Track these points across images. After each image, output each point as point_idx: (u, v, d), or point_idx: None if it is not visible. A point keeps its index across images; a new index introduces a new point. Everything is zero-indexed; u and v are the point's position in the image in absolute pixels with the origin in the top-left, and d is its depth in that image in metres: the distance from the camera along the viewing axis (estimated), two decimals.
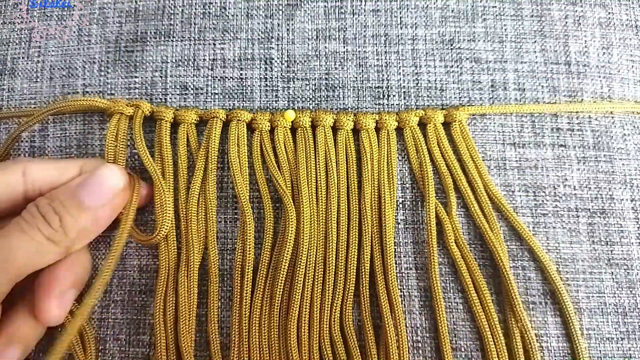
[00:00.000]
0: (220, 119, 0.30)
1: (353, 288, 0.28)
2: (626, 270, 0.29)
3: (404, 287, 0.29)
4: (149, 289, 0.29)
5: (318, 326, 0.27)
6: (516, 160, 0.31)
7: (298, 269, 0.28)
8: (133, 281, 0.29)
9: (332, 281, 0.28)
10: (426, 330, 0.28)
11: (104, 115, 0.31)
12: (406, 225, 0.30)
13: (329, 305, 0.28)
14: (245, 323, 0.27)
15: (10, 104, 0.32)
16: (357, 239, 0.29)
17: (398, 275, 0.29)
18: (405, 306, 0.29)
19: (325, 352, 0.27)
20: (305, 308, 0.28)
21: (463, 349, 0.28)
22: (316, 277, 0.28)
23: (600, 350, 0.28)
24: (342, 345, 0.27)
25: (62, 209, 0.25)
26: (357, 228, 0.29)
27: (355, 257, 0.28)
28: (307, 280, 0.28)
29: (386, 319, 0.27)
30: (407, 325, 0.28)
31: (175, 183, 0.30)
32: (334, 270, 0.28)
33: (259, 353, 0.27)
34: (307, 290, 0.28)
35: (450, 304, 0.29)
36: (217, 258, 0.29)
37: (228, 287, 0.29)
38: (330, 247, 0.28)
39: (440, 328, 0.28)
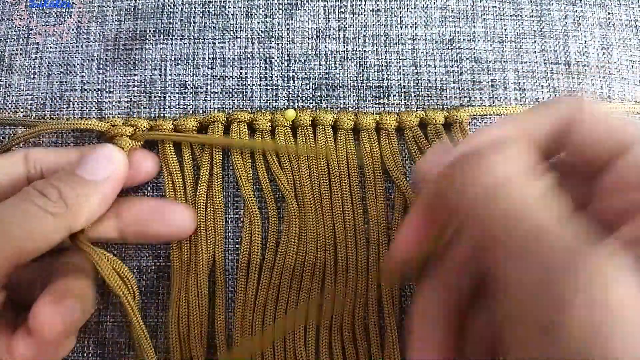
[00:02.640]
0: (221, 122, 0.30)
1: (365, 288, 0.28)
2: None
3: (406, 286, 0.29)
4: (149, 290, 0.29)
5: (329, 326, 0.27)
6: None
7: (306, 267, 0.27)
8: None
9: (344, 281, 0.28)
10: None
11: (102, 112, 0.31)
12: None
13: (341, 305, 0.27)
14: (249, 323, 0.27)
15: (7, 100, 0.31)
16: (363, 238, 0.29)
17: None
18: (408, 306, 0.28)
19: (336, 353, 0.27)
20: (313, 308, 0.27)
21: None
22: (326, 276, 0.28)
23: None
24: (352, 346, 0.27)
25: (60, 183, 0.24)
26: (362, 227, 0.29)
27: (364, 256, 0.28)
28: (315, 280, 0.27)
29: (389, 319, 0.27)
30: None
31: (184, 192, 0.29)
32: (344, 269, 0.28)
33: (263, 353, 0.27)
34: (316, 290, 0.27)
35: None
36: (223, 261, 0.28)
37: (230, 287, 0.29)
38: (340, 246, 0.28)
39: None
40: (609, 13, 0.34)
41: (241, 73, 0.32)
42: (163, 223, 0.27)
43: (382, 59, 0.32)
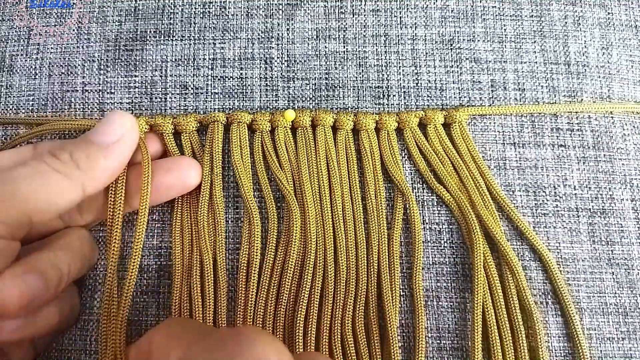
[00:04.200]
0: (221, 123, 0.30)
1: (365, 287, 0.28)
2: (627, 270, 0.29)
3: (406, 287, 0.29)
4: (150, 289, 0.29)
5: (329, 326, 0.27)
6: (516, 160, 0.31)
7: (306, 267, 0.28)
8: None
9: (344, 280, 0.28)
10: (428, 330, 0.28)
11: (104, 114, 0.31)
12: (408, 225, 0.30)
13: (342, 305, 0.27)
14: (249, 323, 0.27)
15: (8, 101, 0.32)
16: (363, 238, 0.29)
17: (402, 275, 0.29)
18: (407, 306, 0.28)
19: (336, 352, 0.27)
20: (314, 308, 0.27)
21: (466, 349, 0.28)
22: (326, 276, 0.28)
23: (601, 350, 0.28)
24: (352, 346, 0.27)
25: (71, 146, 0.25)
26: (362, 227, 0.29)
27: (364, 256, 0.28)
28: (315, 279, 0.28)
29: (389, 319, 0.27)
30: (409, 325, 0.28)
31: None
32: (345, 269, 0.28)
33: None
34: (316, 289, 0.27)
35: (452, 303, 0.29)
36: (223, 261, 0.28)
37: (230, 287, 0.29)
38: (340, 245, 0.28)
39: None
40: (608, 13, 0.34)
41: (241, 73, 0.32)
42: (168, 173, 0.28)
43: (382, 59, 0.32)
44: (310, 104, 0.32)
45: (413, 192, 0.30)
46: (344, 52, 0.32)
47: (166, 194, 0.29)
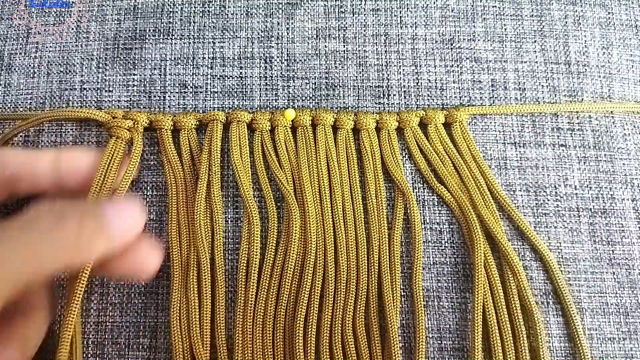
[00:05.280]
0: (220, 121, 0.30)
1: (365, 287, 0.28)
2: (628, 270, 0.29)
3: (407, 287, 0.29)
4: (148, 290, 0.29)
5: (329, 326, 0.27)
6: (517, 160, 0.31)
7: (306, 267, 0.27)
8: (132, 283, 0.29)
9: (345, 280, 0.28)
10: (429, 330, 0.28)
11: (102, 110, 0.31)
12: (408, 225, 0.29)
13: (342, 306, 0.27)
14: (249, 323, 0.27)
15: (6, 100, 0.31)
16: (363, 238, 0.29)
17: (402, 275, 0.29)
18: (408, 306, 0.28)
19: (336, 353, 0.27)
20: (314, 308, 0.27)
21: (466, 349, 0.28)
22: (326, 275, 0.28)
23: (602, 351, 0.28)
24: (353, 346, 0.27)
25: (81, 215, 0.21)
26: (362, 227, 0.29)
27: (364, 256, 0.28)
28: (316, 279, 0.27)
29: (390, 319, 0.27)
30: (410, 325, 0.28)
31: (184, 190, 0.29)
32: (345, 269, 0.28)
33: (264, 354, 0.27)
34: (316, 290, 0.27)
35: (453, 303, 0.29)
36: (223, 261, 0.28)
37: (229, 287, 0.29)
38: (340, 245, 0.28)
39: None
40: (609, 13, 0.34)
41: (241, 73, 0.32)
42: (125, 260, 0.24)
43: (382, 58, 0.32)
44: (310, 103, 0.32)
45: (413, 192, 0.30)
46: (344, 51, 0.32)
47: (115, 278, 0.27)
